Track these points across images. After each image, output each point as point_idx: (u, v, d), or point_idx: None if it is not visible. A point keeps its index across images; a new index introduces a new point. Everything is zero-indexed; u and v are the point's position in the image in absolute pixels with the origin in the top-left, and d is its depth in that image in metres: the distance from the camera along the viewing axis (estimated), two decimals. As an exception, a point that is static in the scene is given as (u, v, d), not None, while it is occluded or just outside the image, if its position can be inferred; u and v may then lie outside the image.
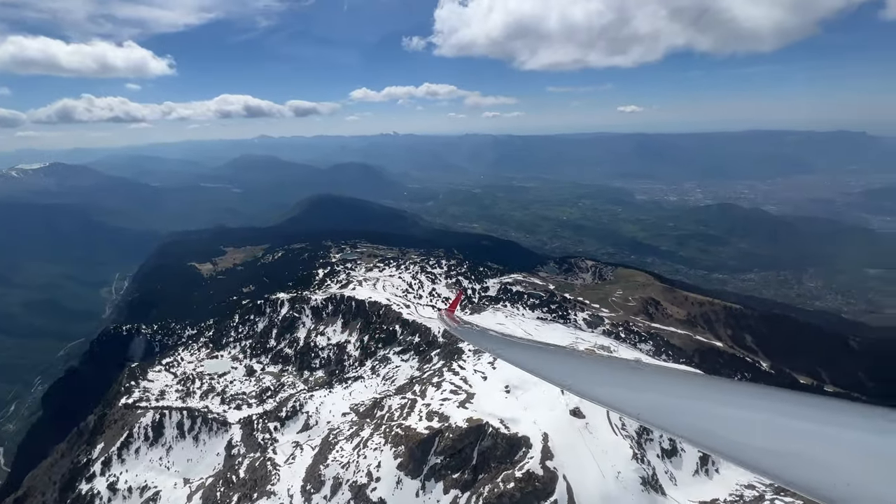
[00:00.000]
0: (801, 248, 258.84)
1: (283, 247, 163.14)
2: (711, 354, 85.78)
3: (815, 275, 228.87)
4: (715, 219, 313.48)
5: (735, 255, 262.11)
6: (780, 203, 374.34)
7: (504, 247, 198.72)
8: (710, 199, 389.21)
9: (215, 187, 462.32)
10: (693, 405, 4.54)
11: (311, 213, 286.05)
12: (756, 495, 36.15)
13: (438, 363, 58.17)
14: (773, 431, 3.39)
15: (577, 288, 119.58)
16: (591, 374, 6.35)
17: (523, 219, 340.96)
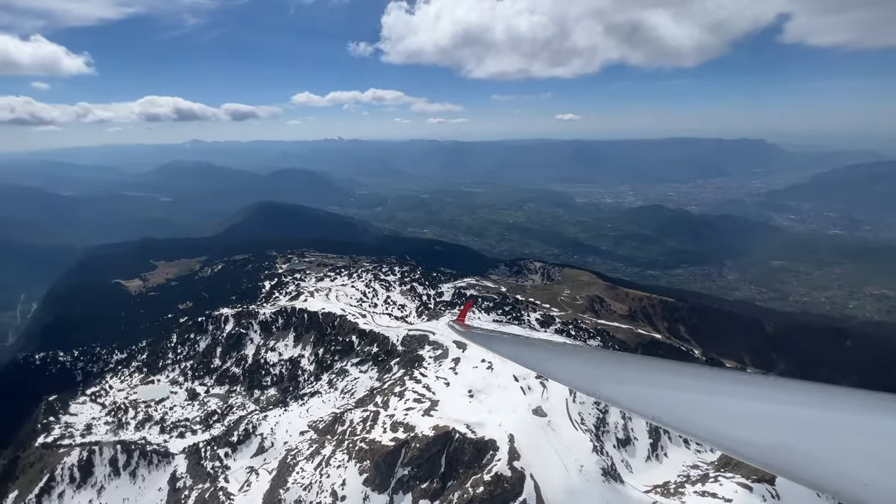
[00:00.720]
0: (720, 244, 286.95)
1: (223, 258, 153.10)
2: (652, 346, 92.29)
3: (732, 268, 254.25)
4: (646, 219, 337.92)
5: (665, 253, 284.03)
6: (700, 203, 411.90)
7: (455, 251, 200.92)
8: (642, 201, 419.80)
9: (140, 196, 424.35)
10: (712, 403, 4.36)
11: (253, 221, 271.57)
12: (701, 474, 39.38)
13: (399, 372, 57.50)
14: (796, 427, 3.26)
15: (527, 289, 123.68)
16: (603, 373, 6.28)
17: (472, 223, 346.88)
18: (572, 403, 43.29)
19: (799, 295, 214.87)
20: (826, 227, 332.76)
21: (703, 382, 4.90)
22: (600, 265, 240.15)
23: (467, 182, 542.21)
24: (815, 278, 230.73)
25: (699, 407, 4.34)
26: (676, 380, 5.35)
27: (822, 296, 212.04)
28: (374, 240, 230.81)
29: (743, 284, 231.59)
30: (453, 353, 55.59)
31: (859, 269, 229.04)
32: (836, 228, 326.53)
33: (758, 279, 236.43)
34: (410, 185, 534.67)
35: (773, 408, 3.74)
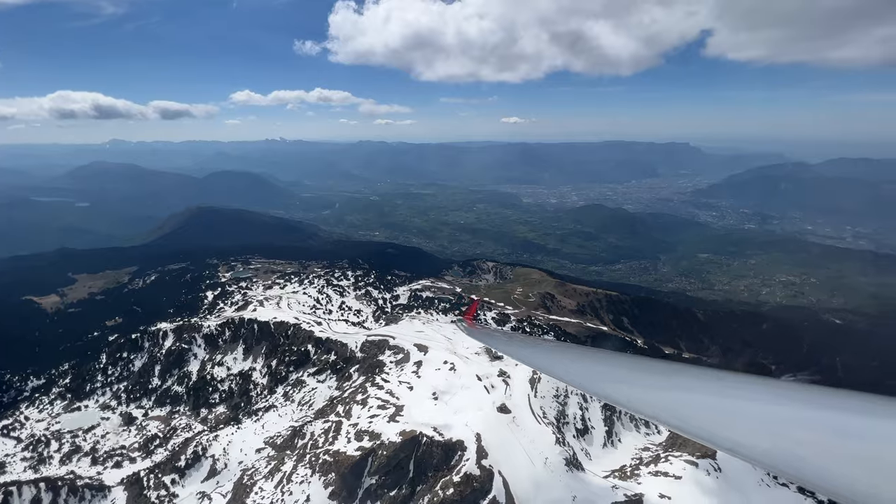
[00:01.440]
0: (654, 239, 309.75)
1: (156, 269, 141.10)
2: (600, 338, 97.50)
3: (665, 261, 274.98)
4: (588, 218, 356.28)
5: (606, 249, 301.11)
6: (635, 202, 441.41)
7: (409, 253, 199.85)
8: (584, 201, 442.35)
9: (53, 201, 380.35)
10: (714, 404, 4.37)
11: (189, 227, 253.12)
12: (652, 455, 42.29)
13: (359, 379, 56.28)
14: (797, 429, 3.31)
15: (482, 289, 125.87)
16: (609, 373, 6.30)
17: (423, 225, 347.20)
18: (534, 398, 44.77)
19: (722, 284, 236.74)
20: (742, 222, 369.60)
21: (707, 384, 4.93)
22: (548, 263, 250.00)
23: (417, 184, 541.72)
24: (735, 268, 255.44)
25: (704, 408, 4.31)
26: (682, 381, 5.42)
27: (741, 284, 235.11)
28: (323, 244, 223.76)
29: (675, 276, 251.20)
30: (415, 356, 55.38)
31: (770, 259, 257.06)
32: (750, 223, 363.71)
33: (687, 271, 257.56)
34: (359, 187, 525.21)
35: (774, 409, 3.80)
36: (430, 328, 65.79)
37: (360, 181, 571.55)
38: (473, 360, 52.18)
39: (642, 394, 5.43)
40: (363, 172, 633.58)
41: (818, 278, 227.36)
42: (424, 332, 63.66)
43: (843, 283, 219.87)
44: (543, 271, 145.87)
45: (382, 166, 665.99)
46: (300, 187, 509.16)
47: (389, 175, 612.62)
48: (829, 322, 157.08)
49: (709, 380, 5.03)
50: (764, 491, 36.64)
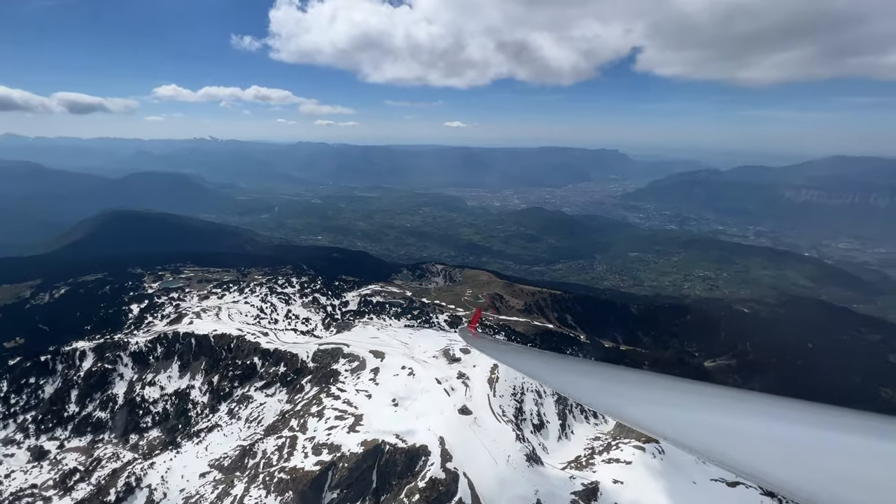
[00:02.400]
0: (590, 240, 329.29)
1: (66, 280, 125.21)
2: (547, 336, 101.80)
3: (601, 260, 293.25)
4: (530, 220, 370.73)
5: (547, 250, 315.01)
6: (572, 205, 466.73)
7: (355, 258, 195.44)
8: (525, 204, 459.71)
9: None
10: (719, 421, 4.28)
11: (105, 233, 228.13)
12: (603, 444, 44.92)
13: (312, 390, 54.05)
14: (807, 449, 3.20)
15: (432, 292, 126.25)
16: (606, 387, 6.29)
17: (369, 228, 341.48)
18: (493, 398, 45.75)
19: (650, 280, 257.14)
20: (664, 223, 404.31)
21: (702, 398, 4.93)
22: (494, 264, 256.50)
23: (361, 187, 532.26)
24: (660, 266, 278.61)
25: (699, 423, 4.27)
26: (684, 398, 5.31)
27: (666, 280, 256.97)
28: (263, 250, 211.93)
29: (609, 274, 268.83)
30: (371, 363, 54.28)
31: (689, 257, 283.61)
32: (672, 224, 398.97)
33: (620, 269, 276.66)
34: (299, 189, 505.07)
35: (768, 425, 3.80)
36: (386, 334, 64.80)
37: (300, 183, 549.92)
38: (432, 364, 52.20)
39: (639, 407, 5.52)
40: (303, 174, 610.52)
41: (729, 273, 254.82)
42: (380, 338, 62.58)
43: (748, 277, 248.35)
44: (491, 273, 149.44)
45: (324, 168, 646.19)
46: (234, 190, 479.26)
47: (332, 177, 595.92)
48: (739, 311, 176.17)
49: (704, 394, 5.02)
50: (700, 467, 40.33)
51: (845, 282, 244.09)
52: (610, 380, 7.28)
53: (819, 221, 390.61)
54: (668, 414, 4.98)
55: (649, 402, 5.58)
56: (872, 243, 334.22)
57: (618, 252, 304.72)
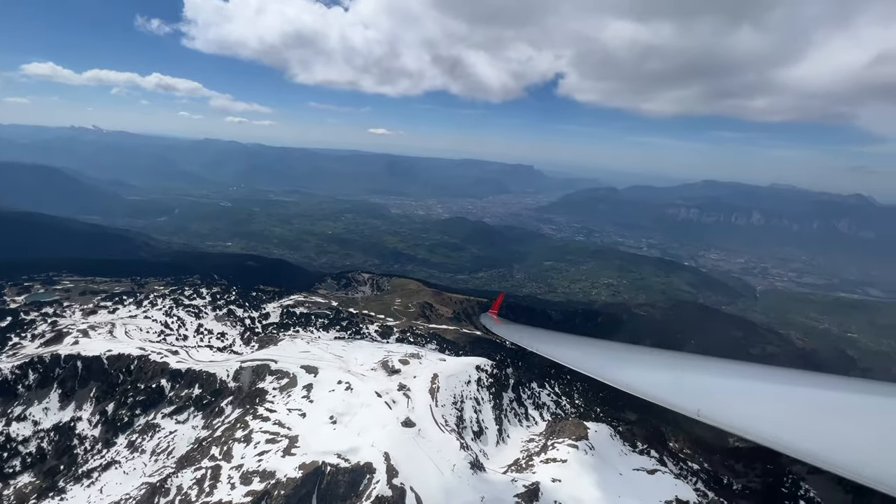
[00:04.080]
0: (509, 250, 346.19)
1: None
2: (476, 342, 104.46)
3: (519, 269, 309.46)
4: (453, 230, 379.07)
5: (470, 259, 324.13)
6: (492, 216, 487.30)
7: (274, 266, 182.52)
8: (448, 213, 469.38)
9: None
10: (752, 395, 4.51)
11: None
12: (538, 445, 47.14)
13: (234, 413, 49.13)
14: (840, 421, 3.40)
15: (360, 302, 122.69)
16: (642, 368, 6.55)
17: (287, 235, 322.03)
18: (436, 408, 45.65)
19: (563, 287, 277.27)
20: (574, 234, 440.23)
21: (749, 378, 5.23)
22: (419, 272, 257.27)
23: (277, 190, 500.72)
24: (571, 274, 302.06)
25: (744, 400, 4.46)
26: (684, 365, 5.86)
27: (577, 287, 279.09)
28: (161, 257, 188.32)
29: (527, 282, 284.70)
30: (303, 379, 50.97)
31: (596, 266, 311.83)
32: (580, 235, 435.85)
33: (536, 277, 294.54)
34: (206, 191, 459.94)
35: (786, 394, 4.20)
36: (317, 347, 61.31)
37: (206, 184, 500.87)
38: (370, 377, 50.55)
39: (648, 378, 5.97)
40: (210, 174, 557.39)
41: (628, 280, 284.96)
42: (311, 351, 59.01)
43: (643, 283, 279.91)
44: (419, 281, 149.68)
45: (235, 169, 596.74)
46: (124, 188, 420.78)
47: (243, 179, 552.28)
48: (637, 314, 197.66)
49: (754, 375, 5.46)
50: (623, 458, 44.28)
51: (716, 287, 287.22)
52: (628, 358, 7.77)
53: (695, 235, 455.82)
54: (683, 386, 5.41)
55: (667, 375, 6.10)
56: (735, 254, 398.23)
57: (534, 261, 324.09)
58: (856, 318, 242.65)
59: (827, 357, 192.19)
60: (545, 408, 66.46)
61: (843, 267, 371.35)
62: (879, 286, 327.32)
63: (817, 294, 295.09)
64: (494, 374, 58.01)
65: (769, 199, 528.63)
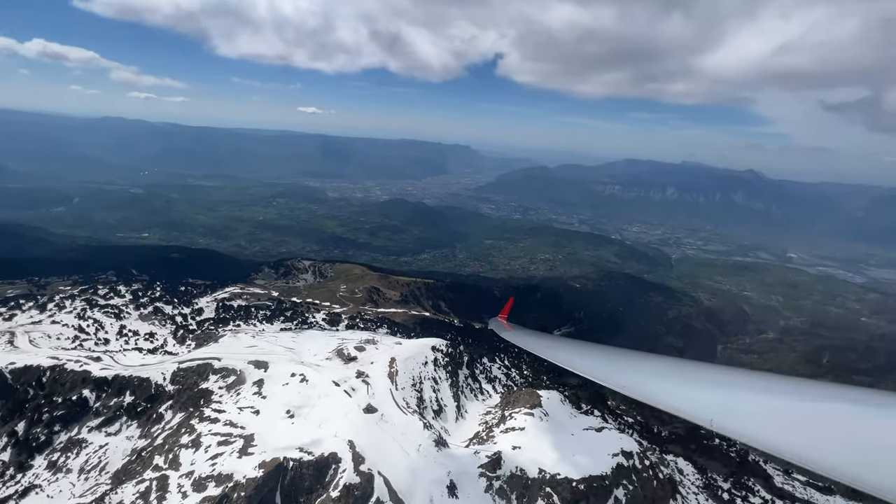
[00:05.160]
0: (450, 230, 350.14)
1: None
2: (424, 323, 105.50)
3: (461, 248, 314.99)
4: (393, 212, 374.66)
5: (412, 241, 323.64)
6: (432, 197, 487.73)
7: (201, 257, 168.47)
8: (387, 195, 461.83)
9: None
10: (767, 406, 4.46)
11: None
12: (496, 417, 49.33)
13: (176, 418, 45.57)
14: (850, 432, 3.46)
15: (302, 290, 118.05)
16: (654, 376, 6.54)
17: (213, 223, 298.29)
18: (396, 391, 45.75)
19: (504, 265, 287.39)
20: (511, 213, 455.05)
21: (764, 388, 5.17)
22: (361, 257, 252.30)
23: (198, 174, 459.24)
24: (510, 251, 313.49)
25: (760, 411, 4.49)
26: (685, 374, 5.91)
27: (516, 264, 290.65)
28: (63, 253, 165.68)
29: (470, 261, 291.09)
30: (252, 375, 48.36)
31: (533, 242, 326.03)
32: (517, 214, 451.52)
33: (478, 256, 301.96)
34: (111, 176, 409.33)
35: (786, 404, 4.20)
36: (264, 341, 58.20)
37: (111, 169, 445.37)
38: (326, 367, 49.21)
39: (660, 387, 6.06)
40: (114, 158, 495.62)
41: (563, 255, 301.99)
42: (258, 346, 55.92)
43: (577, 257, 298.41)
44: (364, 266, 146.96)
45: (144, 151, 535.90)
46: (3, 174, 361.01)
47: (156, 162, 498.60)
48: (573, 287, 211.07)
49: (713, 375, 5.65)
50: (573, 420, 47.82)
51: (638, 257, 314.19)
52: (639, 366, 8.02)
53: (619, 210, 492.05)
54: (691, 396, 5.48)
55: (653, 376, 6.44)
56: (653, 227, 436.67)
57: (475, 240, 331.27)
58: (750, 279, 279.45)
59: (728, 313, 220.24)
60: (497, 381, 69.36)
61: (739, 234, 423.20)
62: (767, 250, 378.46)
63: (720, 259, 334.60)
64: (449, 353, 59.22)
65: (681, 176, 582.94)
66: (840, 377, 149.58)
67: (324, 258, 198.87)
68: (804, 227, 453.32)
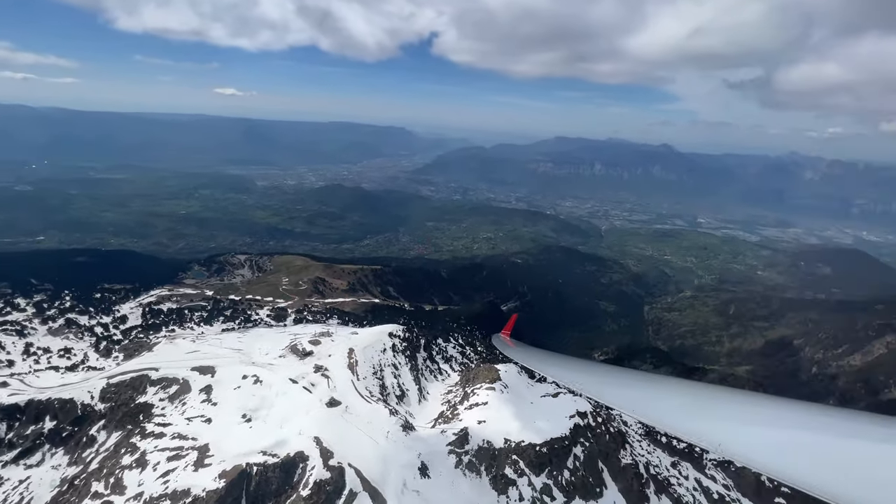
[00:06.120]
0: (391, 214, 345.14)
1: None
2: (374, 310, 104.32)
3: (404, 232, 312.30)
4: (330, 198, 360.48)
5: (353, 227, 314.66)
6: (370, 181, 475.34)
7: (116, 259, 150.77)
8: (322, 181, 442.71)
9: None
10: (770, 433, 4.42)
11: None
12: (458, 395, 50.54)
13: (112, 438, 41.50)
14: None
15: (240, 286, 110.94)
16: (660, 399, 6.36)
17: (124, 220, 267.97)
18: (358, 382, 45.06)
19: (447, 246, 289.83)
20: (451, 194, 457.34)
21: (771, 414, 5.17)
22: (300, 247, 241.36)
23: (99, 166, 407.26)
24: (453, 232, 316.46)
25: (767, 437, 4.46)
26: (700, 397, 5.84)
27: (459, 244, 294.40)
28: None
29: (414, 244, 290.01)
30: (198, 382, 45.01)
31: (474, 222, 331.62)
32: (457, 195, 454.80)
33: (422, 238, 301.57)
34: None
35: None
36: (207, 344, 54.08)
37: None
38: (280, 365, 47.02)
39: (667, 409, 5.97)
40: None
41: (503, 232, 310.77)
42: (200, 350, 51.86)
43: (516, 234, 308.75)
44: (306, 256, 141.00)
45: (28, 141, 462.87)
46: None
47: (46, 154, 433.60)
48: (515, 262, 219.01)
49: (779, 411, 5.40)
50: (530, 389, 50.39)
51: (572, 231, 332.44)
52: (645, 388, 7.83)
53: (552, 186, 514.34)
54: (702, 423, 5.37)
55: (688, 408, 6.11)
56: (584, 201, 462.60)
57: (417, 223, 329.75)
58: (668, 244, 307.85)
59: (652, 276, 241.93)
60: (454, 360, 70.86)
61: (658, 204, 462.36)
62: (682, 217, 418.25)
63: (643, 228, 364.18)
64: (407, 338, 59.25)
65: (607, 152, 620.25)
66: (744, 324, 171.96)
67: (260, 251, 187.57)
68: (710, 195, 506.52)
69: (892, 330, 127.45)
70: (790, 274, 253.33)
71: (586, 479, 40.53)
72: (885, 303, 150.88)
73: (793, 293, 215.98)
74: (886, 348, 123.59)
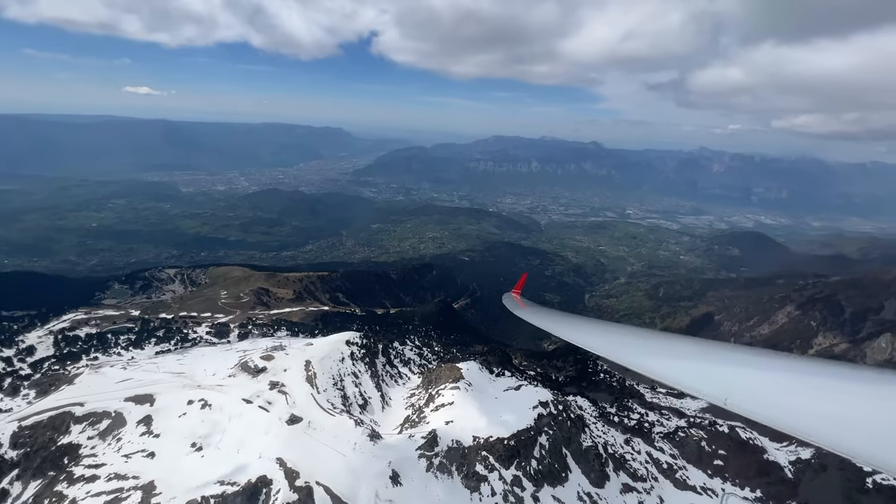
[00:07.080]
0: (333, 217, 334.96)
1: None
2: (324, 318, 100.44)
3: (348, 235, 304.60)
4: (266, 203, 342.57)
5: (293, 233, 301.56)
6: (309, 184, 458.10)
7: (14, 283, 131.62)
8: (256, 186, 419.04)
9: None
10: (785, 386, 4.41)
11: None
12: (422, 397, 50.10)
13: (30, 489, 36.09)
14: None
15: (171, 304, 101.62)
16: (669, 356, 6.51)
17: (19, 237, 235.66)
18: (318, 395, 43.05)
19: (394, 247, 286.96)
20: (394, 195, 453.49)
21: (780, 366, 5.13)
22: (235, 257, 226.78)
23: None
24: (399, 233, 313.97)
25: (775, 391, 4.50)
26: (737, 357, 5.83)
27: (406, 245, 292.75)
28: None
29: (359, 247, 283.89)
30: (134, 413, 40.45)
31: (419, 222, 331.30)
32: (399, 195, 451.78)
33: (367, 241, 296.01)
34: None
35: None
36: (140, 370, 48.68)
37: None
38: (231, 385, 43.57)
39: (675, 365, 6.01)
40: None
41: (449, 231, 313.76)
42: (133, 377, 46.52)
43: (462, 232, 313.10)
44: (245, 266, 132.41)
45: None
46: None
47: None
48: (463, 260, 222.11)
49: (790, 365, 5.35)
50: (493, 384, 51.24)
51: (514, 226, 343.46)
52: (654, 345, 8.11)
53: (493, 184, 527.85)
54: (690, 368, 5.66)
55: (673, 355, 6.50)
56: (523, 197, 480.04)
57: (361, 226, 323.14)
58: (602, 235, 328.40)
59: (590, 266, 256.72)
60: (412, 362, 70.20)
61: (590, 198, 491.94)
62: (612, 209, 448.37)
63: (579, 221, 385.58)
64: (365, 345, 57.67)
65: (542, 149, 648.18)
66: (672, 305, 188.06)
67: (191, 264, 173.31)
68: (635, 188, 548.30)
69: (790, 301, 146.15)
70: (706, 257, 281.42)
71: (552, 466, 41.98)
72: (783, 277, 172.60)
73: (710, 274, 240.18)
74: (787, 318, 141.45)
